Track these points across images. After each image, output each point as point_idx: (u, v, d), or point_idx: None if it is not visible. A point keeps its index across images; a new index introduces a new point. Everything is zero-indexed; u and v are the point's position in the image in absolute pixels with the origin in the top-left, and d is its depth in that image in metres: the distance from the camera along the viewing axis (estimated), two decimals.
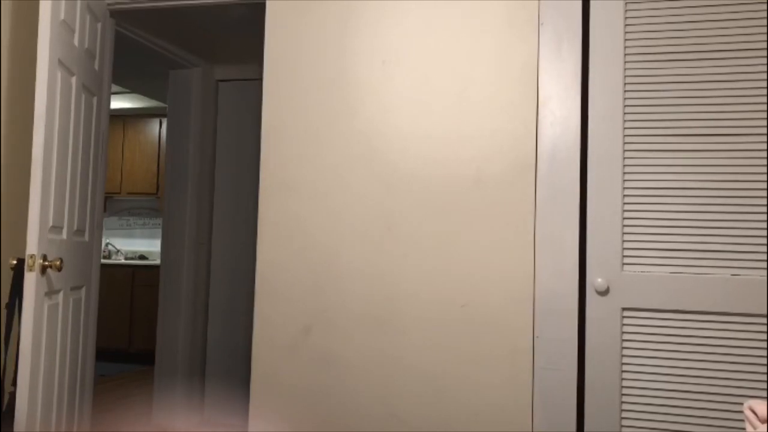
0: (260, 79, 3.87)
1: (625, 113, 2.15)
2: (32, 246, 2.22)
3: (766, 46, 2.05)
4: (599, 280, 2.11)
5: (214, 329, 4.28)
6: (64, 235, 2.52)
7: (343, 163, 2.38)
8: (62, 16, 2.38)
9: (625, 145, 2.14)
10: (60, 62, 2.38)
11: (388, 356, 2.29)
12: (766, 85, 2.04)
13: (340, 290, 2.35)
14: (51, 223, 2.36)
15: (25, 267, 2.22)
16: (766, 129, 2.04)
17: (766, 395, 1.98)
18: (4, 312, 2.62)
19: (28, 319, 2.20)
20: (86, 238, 2.80)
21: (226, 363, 4.25)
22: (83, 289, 2.79)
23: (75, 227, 2.63)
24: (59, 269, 2.31)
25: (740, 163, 2.05)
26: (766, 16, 2.06)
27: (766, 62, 2.05)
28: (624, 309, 2.11)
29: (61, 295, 2.49)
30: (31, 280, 2.21)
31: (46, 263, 2.28)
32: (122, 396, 4.74)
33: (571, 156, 2.18)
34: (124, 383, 5.20)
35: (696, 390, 2.05)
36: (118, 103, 6.31)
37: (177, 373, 4.12)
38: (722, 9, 2.09)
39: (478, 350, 2.22)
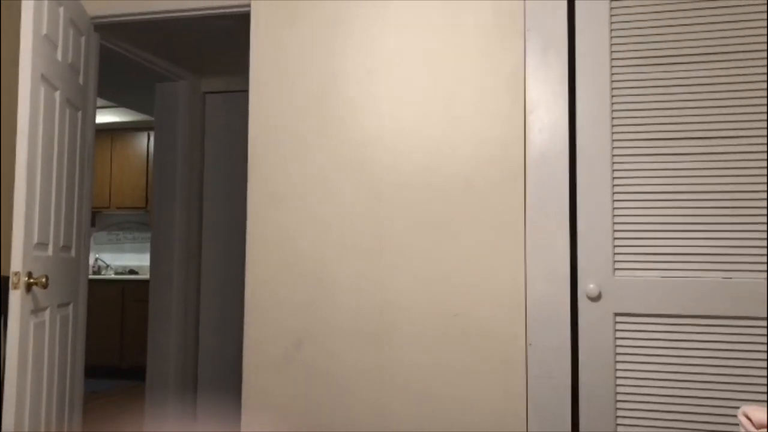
0: (247, 91, 3.86)
1: (612, 118, 2.14)
2: (17, 263, 2.19)
3: (754, 49, 2.05)
4: (591, 285, 2.10)
5: (205, 342, 4.24)
6: (50, 252, 2.48)
7: (332, 172, 2.36)
8: (45, 31, 2.36)
9: (614, 149, 2.13)
10: (43, 77, 2.35)
11: (380, 369, 2.27)
12: (759, 88, 2.04)
13: (331, 303, 2.33)
14: (36, 240, 2.32)
15: (10, 285, 2.18)
16: (757, 131, 2.04)
17: (766, 399, 1.97)
18: None
19: (13, 338, 2.17)
20: (73, 253, 2.77)
21: (218, 375, 4.21)
22: (71, 306, 2.75)
23: (61, 243, 2.59)
24: (45, 286, 2.27)
25: (730, 166, 2.05)
26: (753, 18, 2.06)
27: (757, 65, 2.05)
28: (616, 314, 2.10)
29: (47, 312, 2.45)
30: (15, 298, 2.18)
31: (32, 280, 2.24)
32: (114, 412, 4.68)
33: (559, 162, 2.17)
34: (116, 399, 5.14)
35: (691, 395, 2.03)
36: (105, 117, 6.27)
37: (168, 387, 4.07)
38: (707, 12, 2.09)
39: (471, 361, 2.20)
